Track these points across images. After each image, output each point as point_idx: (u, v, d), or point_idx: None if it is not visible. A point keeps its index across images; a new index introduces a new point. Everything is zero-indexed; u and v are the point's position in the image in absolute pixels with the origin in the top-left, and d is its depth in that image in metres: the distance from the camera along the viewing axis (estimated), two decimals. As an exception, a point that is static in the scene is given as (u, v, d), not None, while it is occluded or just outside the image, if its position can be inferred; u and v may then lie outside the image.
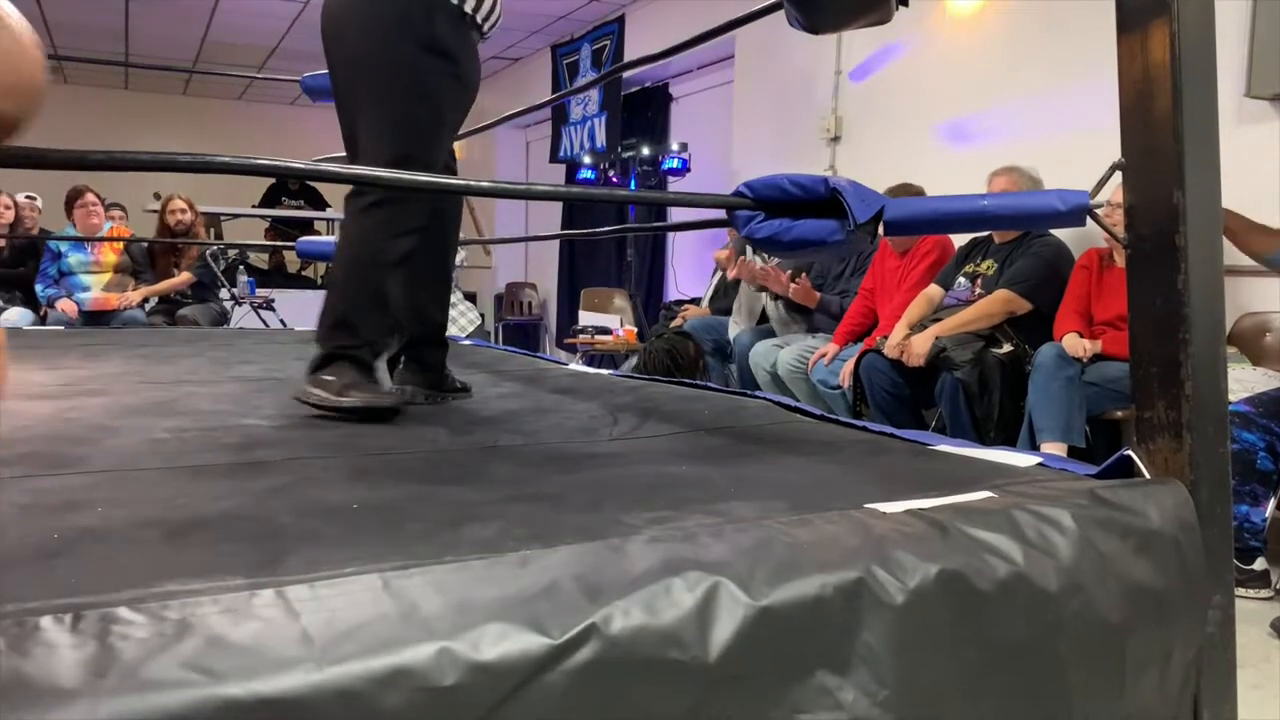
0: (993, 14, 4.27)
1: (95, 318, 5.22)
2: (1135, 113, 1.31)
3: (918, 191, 4.05)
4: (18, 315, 5.15)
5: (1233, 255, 3.23)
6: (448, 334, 2.30)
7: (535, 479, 1.31)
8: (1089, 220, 1.35)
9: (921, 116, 4.63)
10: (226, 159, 1.08)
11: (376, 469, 1.40)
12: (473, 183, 1.34)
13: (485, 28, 2.05)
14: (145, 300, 5.43)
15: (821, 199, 1.32)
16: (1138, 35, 1.31)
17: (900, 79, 4.67)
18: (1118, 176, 1.32)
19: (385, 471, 1.38)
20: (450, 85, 1.96)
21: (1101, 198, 1.37)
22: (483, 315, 7.21)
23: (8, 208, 5.37)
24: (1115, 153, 1.33)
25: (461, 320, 6.03)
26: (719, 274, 5.18)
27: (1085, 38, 3.52)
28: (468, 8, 1.96)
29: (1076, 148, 2.82)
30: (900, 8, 1.46)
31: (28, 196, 5.73)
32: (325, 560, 0.87)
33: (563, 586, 0.80)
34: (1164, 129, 1.26)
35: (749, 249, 4.47)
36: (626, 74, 7.10)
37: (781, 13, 1.63)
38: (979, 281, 3.56)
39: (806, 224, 1.34)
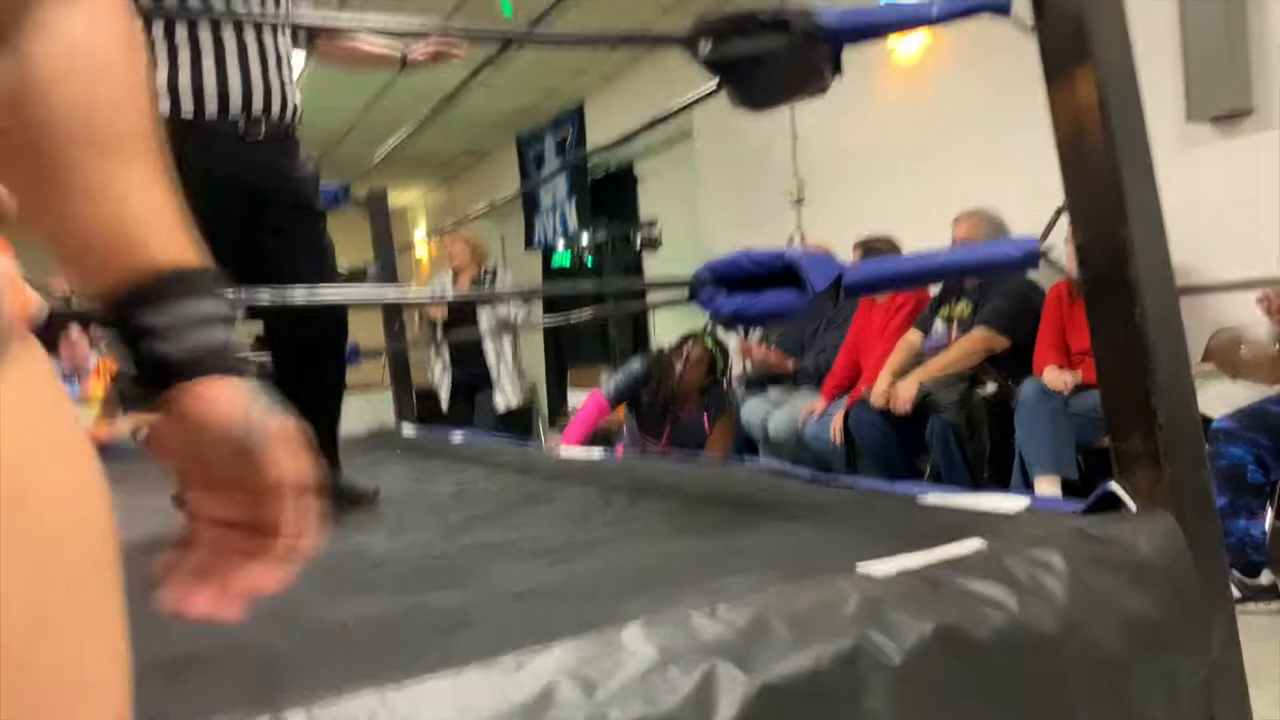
0: (935, 62, 4.38)
1: (85, 452, 5.20)
2: (1072, 156, 1.35)
3: (888, 242, 4.13)
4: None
5: (1200, 273, 3.30)
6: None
7: (529, 575, 1.31)
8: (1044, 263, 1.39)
9: (880, 169, 4.72)
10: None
11: (371, 582, 1.41)
12: (437, 296, 1.36)
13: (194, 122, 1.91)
14: (136, 429, 5.42)
15: (779, 272, 1.35)
16: (1065, 82, 1.36)
17: (855, 135, 4.78)
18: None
19: (379, 584, 1.38)
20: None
21: (1057, 237, 1.41)
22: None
23: None
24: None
25: (518, 388, 5.02)
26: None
27: (1029, 79, 3.62)
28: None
29: (1035, 186, 2.89)
30: (837, 76, 1.52)
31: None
32: (321, 682, 0.88)
33: (560, 686, 0.81)
34: (1101, 170, 1.31)
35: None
36: (592, 159, 7.26)
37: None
38: (955, 324, 3.60)
39: (769, 296, 1.38)
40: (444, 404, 5.11)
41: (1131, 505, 1.32)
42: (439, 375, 5.16)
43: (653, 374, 3.89)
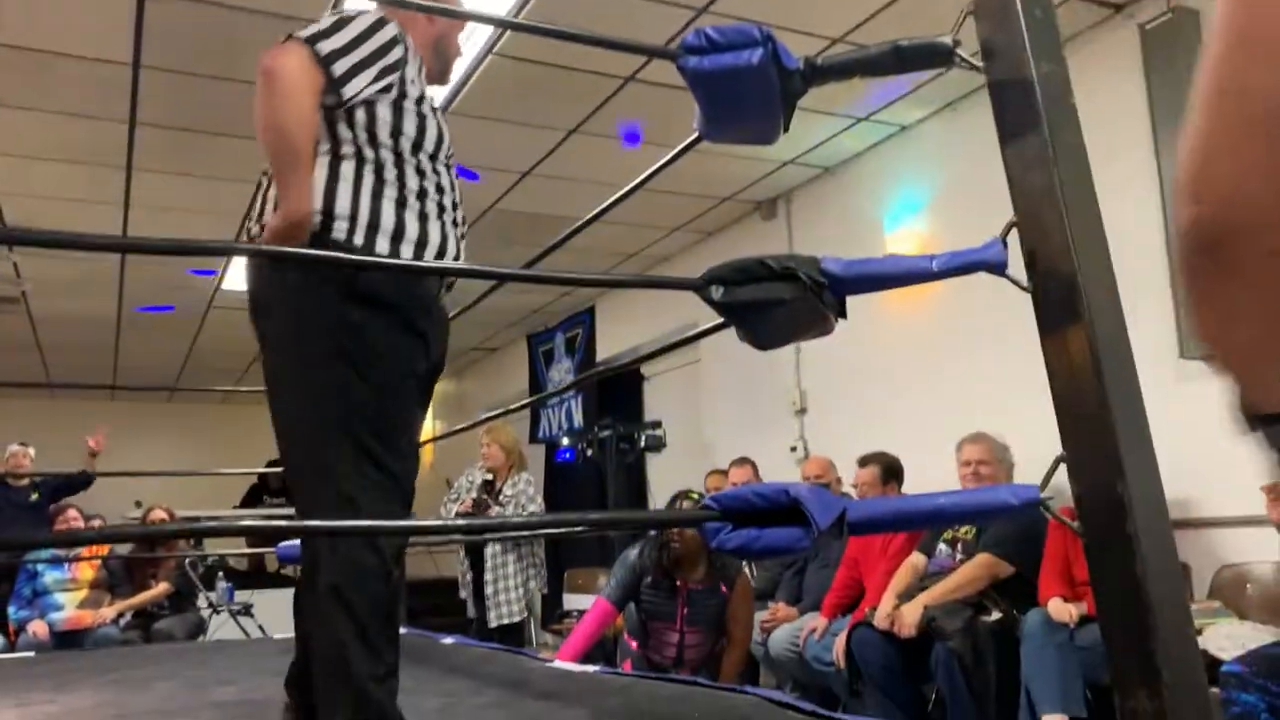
0: (938, 285, 4.57)
1: (68, 638, 5.08)
2: (1067, 410, 1.40)
3: (892, 460, 4.17)
4: (-14, 641, 5.02)
5: (1201, 507, 3.31)
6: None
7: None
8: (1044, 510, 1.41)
9: (883, 383, 4.83)
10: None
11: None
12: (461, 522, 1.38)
13: (452, 283, 1.85)
14: (120, 615, 5.31)
15: (784, 508, 1.37)
16: (1058, 340, 1.42)
17: (859, 348, 4.91)
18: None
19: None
20: (398, 344, 1.66)
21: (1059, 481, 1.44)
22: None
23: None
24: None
25: (515, 606, 4.68)
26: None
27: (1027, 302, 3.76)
28: (404, 255, 1.68)
29: (1040, 409, 2.94)
30: (840, 320, 1.59)
31: (21, 444, 5.81)
32: None
33: None
34: (1096, 427, 1.35)
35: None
36: (600, 357, 7.44)
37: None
38: (959, 546, 3.58)
39: (773, 532, 1.39)
40: (468, 602, 4.94)
41: (1141, 767, 1.28)
42: (463, 574, 5.01)
43: (651, 554, 3.63)
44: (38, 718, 2.34)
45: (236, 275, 6.60)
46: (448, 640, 3.62)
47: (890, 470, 4.14)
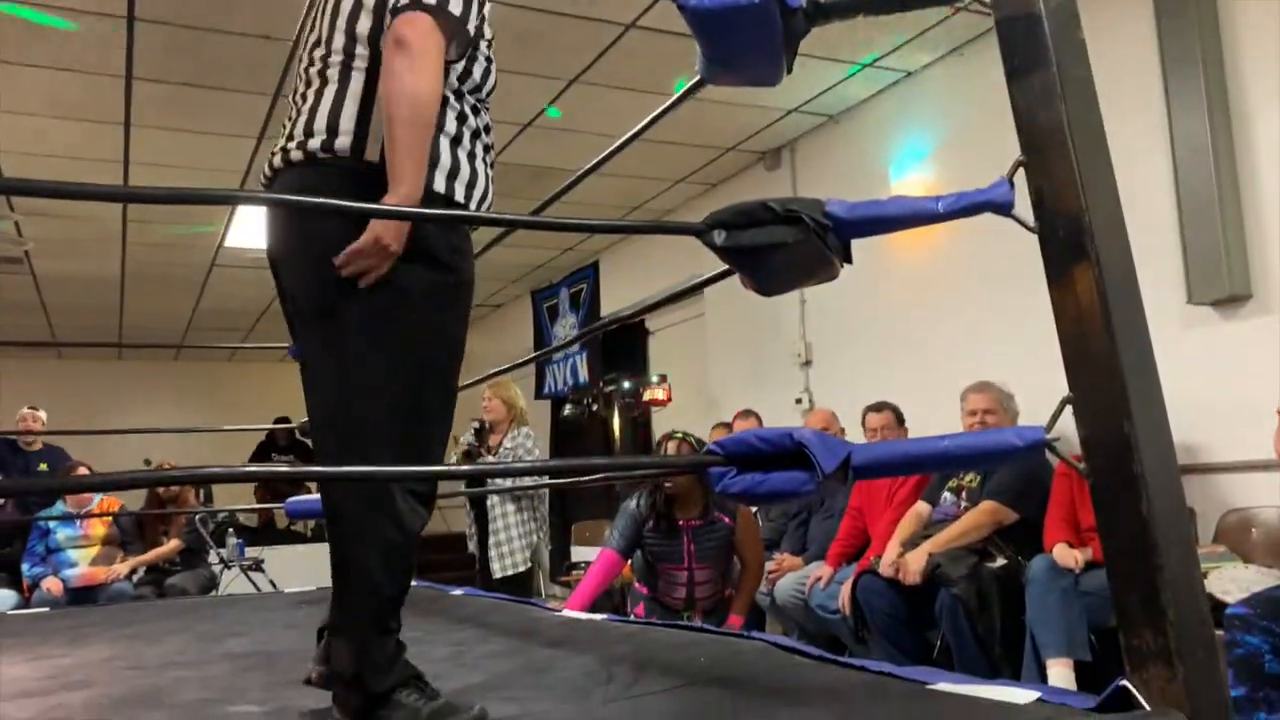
0: (945, 228, 4.53)
1: (82, 594, 5.13)
2: (1075, 352, 1.39)
3: (894, 409, 4.18)
4: (1, 598, 5.07)
5: (1207, 452, 3.31)
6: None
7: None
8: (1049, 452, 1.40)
9: (889, 334, 4.81)
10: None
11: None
12: (466, 467, 1.38)
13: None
14: (133, 571, 5.36)
15: (789, 452, 1.37)
16: (1066, 280, 1.41)
17: (864, 300, 4.89)
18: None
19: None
20: (456, 299, 1.67)
21: (1065, 425, 1.43)
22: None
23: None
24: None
25: (518, 557, 4.76)
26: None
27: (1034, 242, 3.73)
28: (459, 195, 1.66)
29: (1044, 356, 2.93)
30: (845, 265, 1.57)
31: (31, 407, 5.84)
32: None
33: None
34: (1103, 366, 1.34)
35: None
36: (604, 312, 7.42)
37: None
38: (964, 494, 3.59)
39: (778, 476, 1.39)
40: (475, 552, 5.02)
41: (1145, 704, 1.29)
42: (469, 527, 5.08)
43: (647, 499, 3.66)
44: (52, 670, 2.37)
45: (239, 233, 6.57)
46: (457, 591, 3.66)
47: (899, 417, 4.16)
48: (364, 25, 1.60)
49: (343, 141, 1.58)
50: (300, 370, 1.69)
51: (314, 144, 1.59)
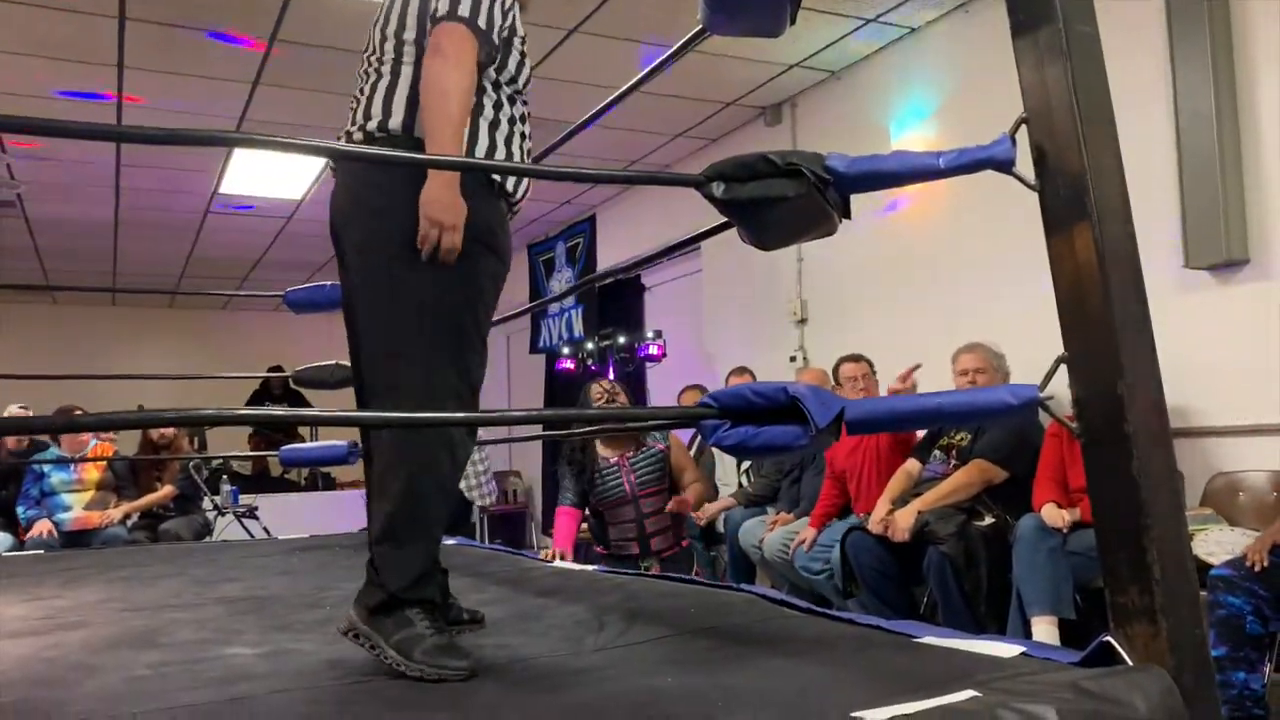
0: (942, 188, 4.49)
1: (76, 537, 5.16)
2: (1071, 310, 1.39)
3: (868, 361, 4.24)
4: (-5, 540, 5.10)
5: (1197, 416, 3.32)
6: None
7: (519, 704, 1.30)
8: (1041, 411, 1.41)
9: (884, 293, 4.80)
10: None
11: (357, 698, 1.39)
12: (460, 415, 1.39)
13: (516, 203, 1.99)
14: (127, 516, 5.39)
15: (783, 406, 1.37)
16: (1064, 238, 1.41)
17: (861, 259, 4.88)
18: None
19: (367, 702, 1.36)
20: (495, 271, 1.88)
21: (1058, 385, 1.43)
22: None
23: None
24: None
25: (485, 488, 5.28)
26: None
27: (1035, 210, 3.71)
28: (508, 185, 1.89)
29: (1038, 316, 2.93)
30: (844, 220, 1.56)
31: (21, 407, 5.78)
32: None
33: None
34: (1099, 325, 1.34)
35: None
36: (600, 267, 7.39)
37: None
38: (954, 453, 3.61)
39: (771, 430, 1.39)
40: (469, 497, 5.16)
41: (1128, 659, 1.31)
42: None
43: (577, 446, 3.69)
44: (47, 611, 2.39)
45: (233, 178, 6.52)
46: (449, 541, 3.68)
47: (872, 368, 4.24)
48: (410, 34, 1.84)
49: (395, 121, 1.80)
50: (345, 317, 1.86)
51: (372, 125, 1.82)
